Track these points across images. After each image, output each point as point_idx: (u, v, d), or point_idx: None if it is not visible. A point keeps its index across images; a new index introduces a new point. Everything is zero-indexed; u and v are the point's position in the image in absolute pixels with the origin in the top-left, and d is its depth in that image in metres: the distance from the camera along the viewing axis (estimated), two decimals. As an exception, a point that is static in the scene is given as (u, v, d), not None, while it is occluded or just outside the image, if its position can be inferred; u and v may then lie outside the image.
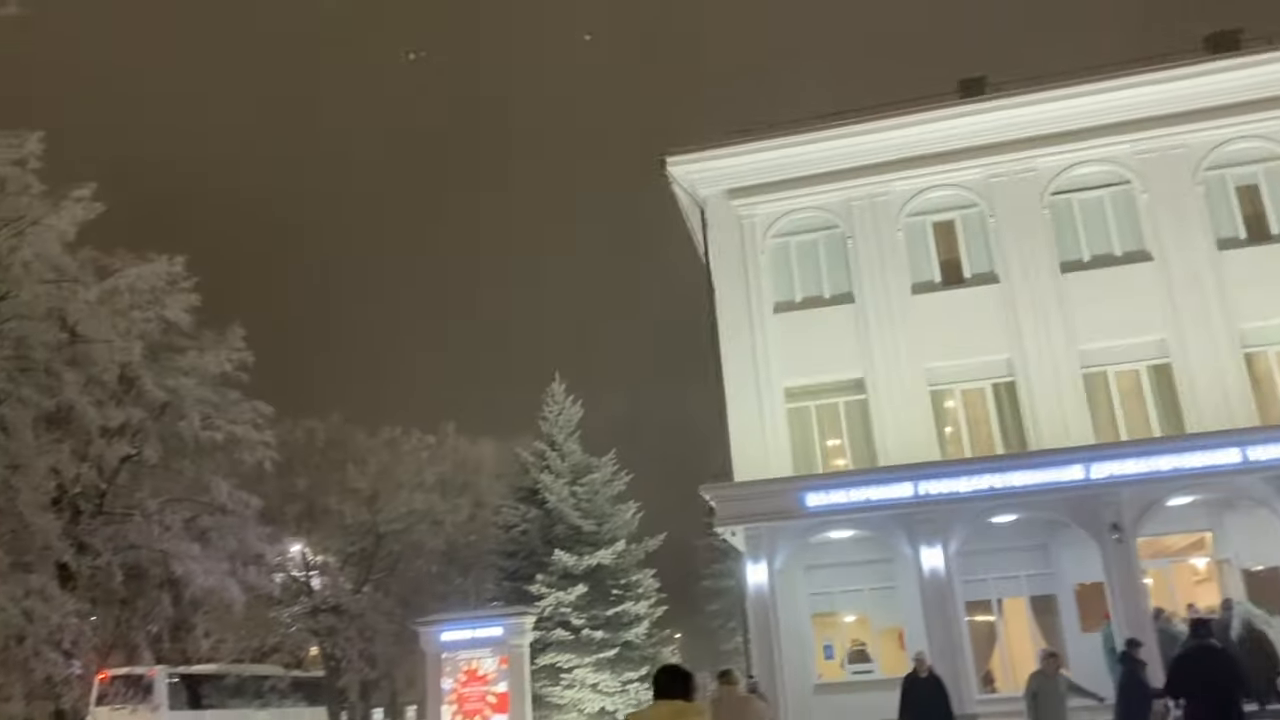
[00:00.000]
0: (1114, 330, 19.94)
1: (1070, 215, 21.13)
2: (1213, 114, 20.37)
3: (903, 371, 20.61)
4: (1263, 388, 19.46)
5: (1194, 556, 19.75)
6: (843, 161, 21.78)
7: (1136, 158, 20.69)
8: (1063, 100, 20.87)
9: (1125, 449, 17.87)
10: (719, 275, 22.26)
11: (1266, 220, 20.28)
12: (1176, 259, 20.00)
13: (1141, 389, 19.97)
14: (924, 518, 17.95)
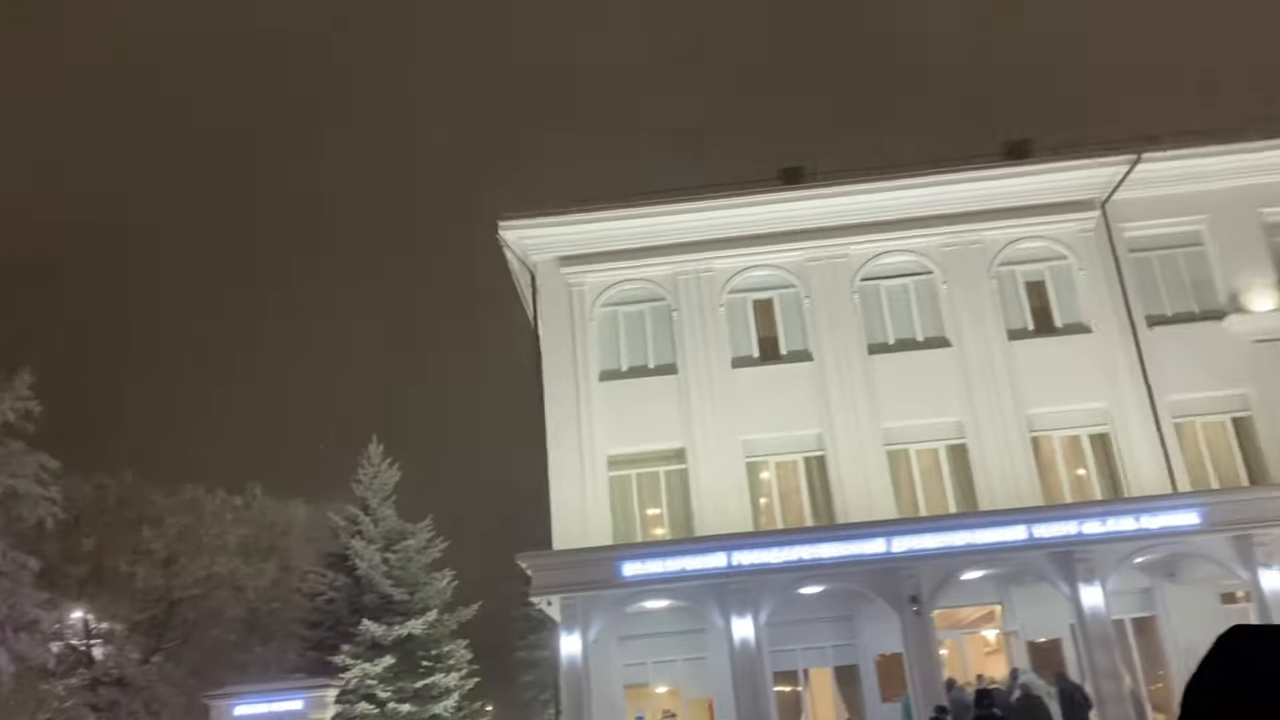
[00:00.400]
0: (916, 410, 21.12)
1: (878, 300, 22.38)
2: (1006, 215, 22.14)
3: (721, 443, 21.13)
4: (1047, 469, 20.96)
5: (985, 628, 20.88)
6: (671, 237, 22.41)
7: (938, 251, 22.20)
8: (873, 194, 22.26)
9: (924, 524, 18.80)
10: (547, 341, 22.35)
11: (1051, 314, 22.06)
12: (972, 346, 21.45)
13: (940, 467, 21.15)
14: (736, 588, 18.26)
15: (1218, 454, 21.05)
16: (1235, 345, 21.11)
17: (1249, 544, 17.54)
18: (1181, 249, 22.29)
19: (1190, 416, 21.07)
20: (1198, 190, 22.14)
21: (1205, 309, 21.75)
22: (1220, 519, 17.81)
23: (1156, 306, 21.86)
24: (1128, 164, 21.87)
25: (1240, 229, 21.97)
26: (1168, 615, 19.24)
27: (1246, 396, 21.00)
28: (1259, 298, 21.48)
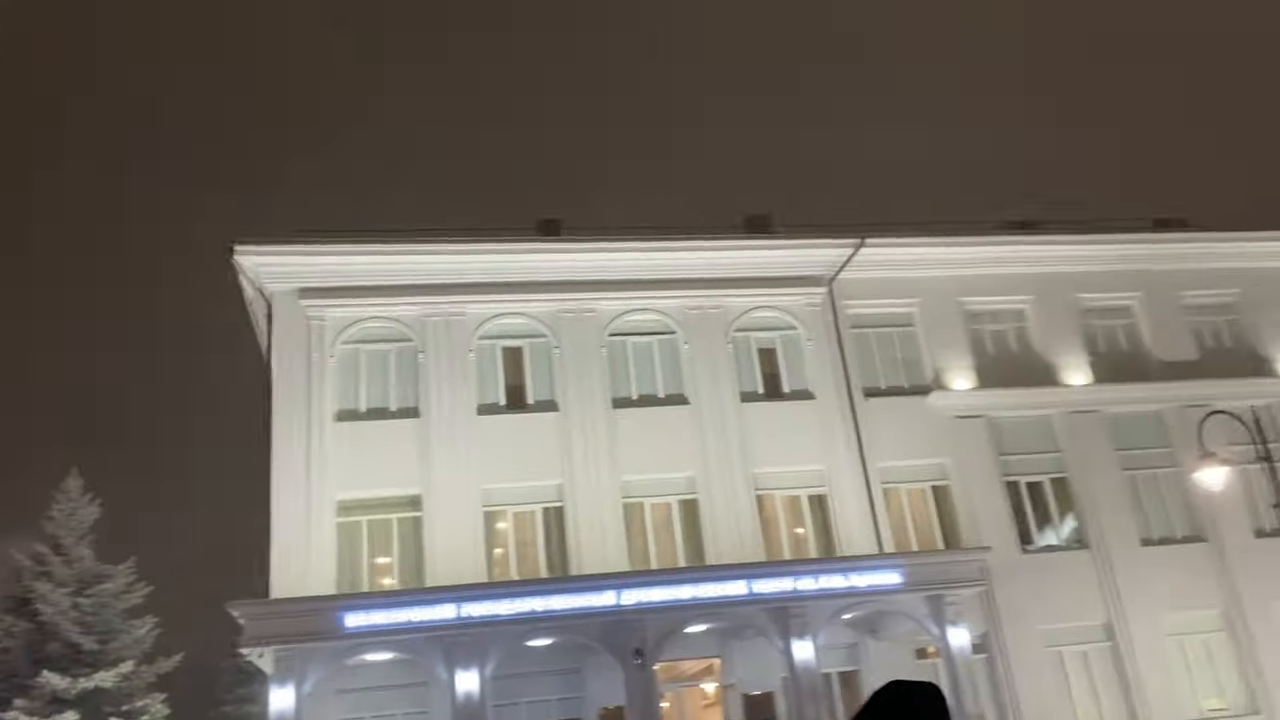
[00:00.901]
0: (653, 465, 21.66)
1: (624, 356, 22.90)
2: (744, 284, 23.37)
3: (460, 491, 20.72)
4: (770, 527, 22.04)
5: (704, 681, 21.49)
6: (421, 277, 21.98)
7: (681, 312, 23.06)
8: (622, 253, 22.90)
9: (654, 577, 19.17)
10: (280, 376, 21.18)
11: (780, 380, 23.37)
12: (708, 406, 22.33)
13: (672, 521, 21.74)
14: (463, 640, 17.83)
15: (919, 519, 22.94)
16: (938, 419, 23.19)
17: (941, 603, 19.12)
18: (896, 328, 24.33)
19: (897, 483, 22.86)
20: (912, 277, 24.32)
21: (914, 384, 23.78)
22: (918, 579, 19.31)
23: (872, 379, 23.67)
24: (853, 247, 23.73)
25: (945, 315, 24.28)
26: (869, 669, 20.57)
27: (945, 466, 23.06)
28: (959, 378, 23.75)
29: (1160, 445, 24.05)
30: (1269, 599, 22.35)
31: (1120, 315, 25.59)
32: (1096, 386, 24.19)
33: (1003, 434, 23.51)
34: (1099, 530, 22.83)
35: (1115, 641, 21.98)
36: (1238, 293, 25.98)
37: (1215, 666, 22.41)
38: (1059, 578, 22.14)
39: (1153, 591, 22.30)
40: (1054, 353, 24.56)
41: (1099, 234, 25.53)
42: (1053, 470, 23.60)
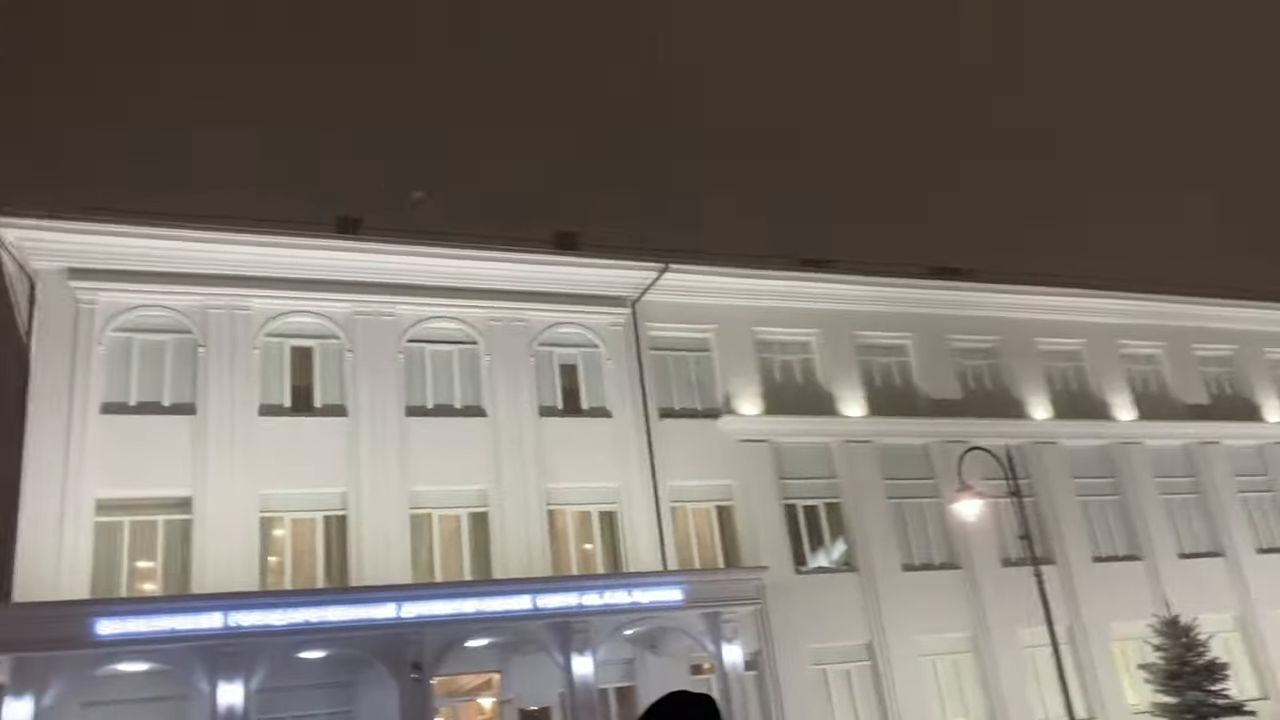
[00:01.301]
0: (445, 476, 21.33)
1: (422, 363, 22.48)
2: (549, 299, 23.47)
3: (235, 494, 19.69)
4: (559, 542, 22.13)
5: (482, 696, 21.26)
6: (205, 266, 20.84)
7: (484, 323, 22.89)
8: (424, 258, 22.50)
9: (436, 590, 18.84)
10: (40, 361, 19.52)
11: (580, 397, 23.57)
12: (505, 419, 22.23)
13: (460, 534, 21.46)
14: (229, 651, 16.91)
15: (703, 538, 23.63)
16: (726, 442, 24.01)
17: (718, 620, 19.74)
18: (693, 353, 25.06)
19: (685, 502, 23.48)
20: (711, 304, 25.15)
21: (706, 407, 24.54)
22: (699, 597, 19.87)
23: (668, 400, 24.26)
24: (657, 271, 24.31)
25: (739, 342, 25.23)
26: (646, 685, 20.96)
27: (730, 488, 23.88)
28: (747, 403, 24.70)
29: (925, 476, 25.79)
30: (1013, 624, 24.26)
31: (896, 353, 27.35)
32: (871, 419, 25.72)
33: (784, 459, 24.60)
34: (867, 554, 24.22)
35: (875, 661, 23.34)
36: (998, 339, 28.28)
37: (962, 685, 24.17)
38: (828, 598, 23.34)
39: (910, 614, 23.84)
40: (835, 384, 25.95)
41: (879, 277, 27.21)
42: (828, 495, 24.89)
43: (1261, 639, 27.19)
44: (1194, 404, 30.08)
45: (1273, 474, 29.97)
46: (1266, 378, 31.59)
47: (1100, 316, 29.69)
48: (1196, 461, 29.02)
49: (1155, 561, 26.96)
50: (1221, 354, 31.36)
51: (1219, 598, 27.30)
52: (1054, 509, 26.51)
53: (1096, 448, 28.03)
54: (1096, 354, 29.40)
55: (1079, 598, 25.60)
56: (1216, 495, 28.69)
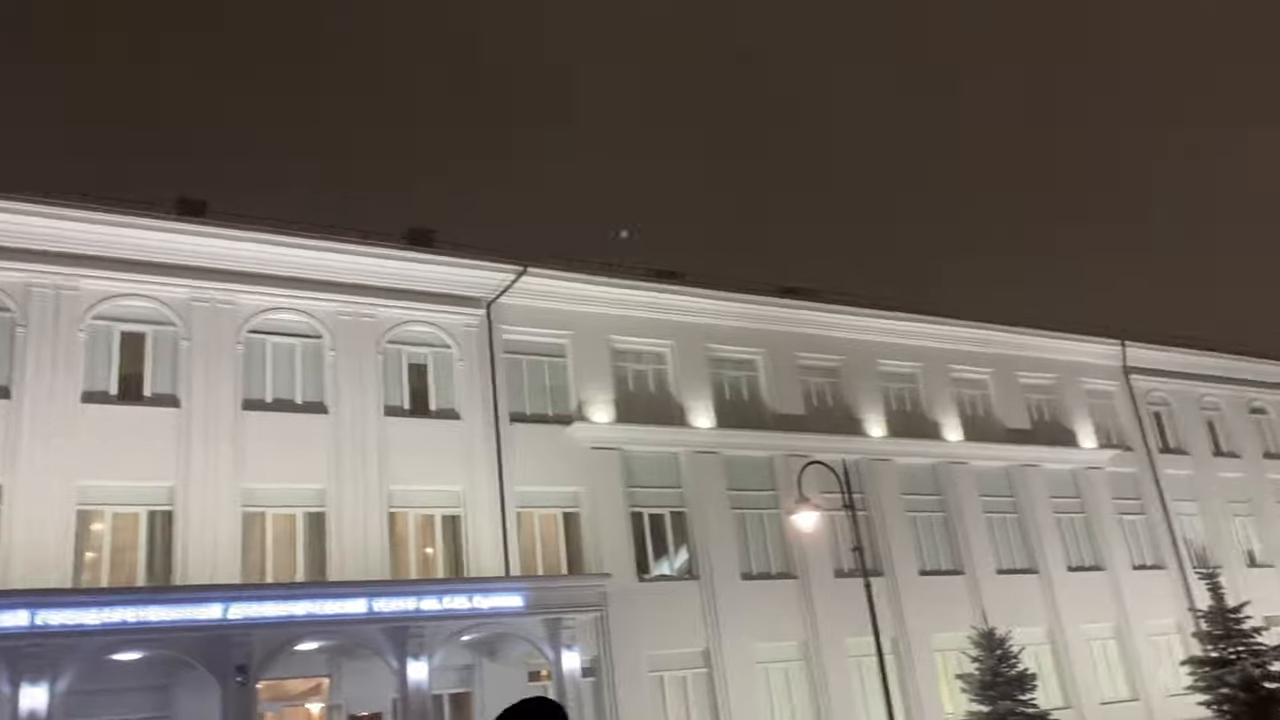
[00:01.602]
0: (281, 474, 20.57)
1: (263, 355, 21.64)
2: (401, 296, 23.01)
3: (50, 485, 18.46)
4: (400, 546, 21.65)
5: (310, 701, 20.56)
6: (26, 241, 19.51)
7: (331, 317, 22.23)
8: (270, 245, 21.68)
9: (267, 591, 18.13)
10: None
11: (428, 397, 23.16)
12: (349, 417, 21.62)
13: (295, 534, 20.73)
14: (34, 651, 15.82)
15: (548, 544, 23.55)
16: (576, 449, 24.02)
17: (558, 627, 19.69)
18: (547, 358, 24.98)
19: (531, 508, 23.36)
20: (568, 310, 25.16)
21: (558, 413, 24.50)
22: (539, 603, 19.78)
23: (519, 405, 24.10)
24: (515, 274, 24.16)
25: (594, 350, 25.31)
26: (483, 691, 20.75)
27: (578, 494, 23.90)
28: (599, 410, 24.79)
29: (767, 488, 26.45)
30: (842, 633, 25.10)
31: (746, 368, 27.99)
32: (719, 430, 26.22)
33: (633, 467, 24.80)
34: (708, 563, 24.65)
35: (711, 668, 23.75)
36: (842, 359, 29.32)
37: (792, 693, 24.86)
38: (669, 606, 23.63)
39: (747, 622, 24.39)
40: (686, 395, 26.35)
41: (733, 293, 27.82)
42: (674, 504, 25.23)
43: (1068, 652, 29.02)
44: (1016, 428, 31.89)
45: (1084, 497, 32.04)
46: (1083, 406, 33.78)
47: (935, 342, 31.15)
48: (1016, 483, 30.75)
49: (975, 576, 28.42)
50: (1043, 382, 33.37)
51: (1032, 612, 28.99)
52: (884, 523, 27.62)
53: (926, 466, 29.37)
54: (930, 377, 30.82)
55: (904, 609, 26.73)
56: (1033, 515, 30.48)
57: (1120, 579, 31.15)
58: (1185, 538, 33.62)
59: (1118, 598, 30.82)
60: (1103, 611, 30.42)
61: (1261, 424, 38.65)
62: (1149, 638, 30.78)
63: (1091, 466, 32.53)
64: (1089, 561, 31.21)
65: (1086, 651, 29.48)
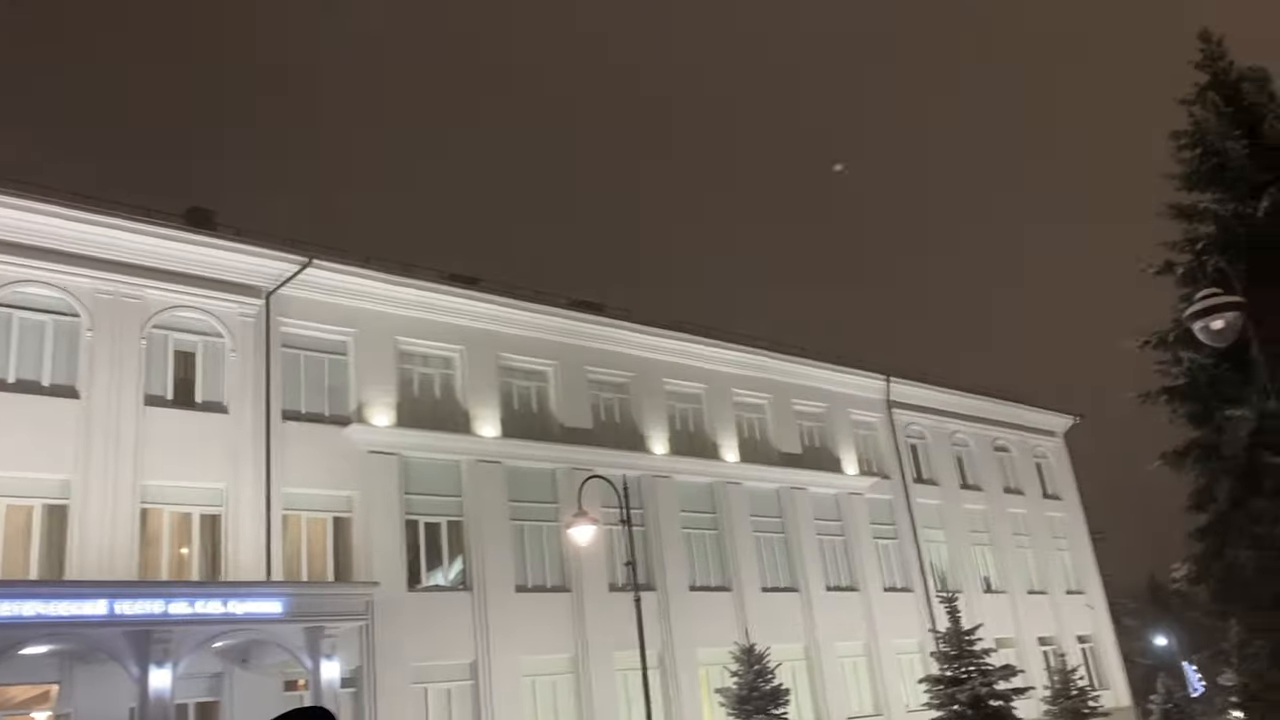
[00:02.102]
0: (20, 462, 18.82)
1: (8, 331, 19.77)
2: (172, 278, 21.57)
3: None
4: (152, 544, 20.21)
5: (37, 709, 18.82)
6: None
7: (91, 295, 20.58)
8: (24, 213, 19.83)
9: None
10: None
11: (194, 388, 21.80)
12: (103, 404, 20.03)
13: (31, 527, 18.99)
14: None
15: (315, 549, 22.62)
16: (352, 451, 23.23)
17: (319, 635, 18.92)
18: (328, 355, 24.06)
19: (299, 510, 22.38)
20: (354, 306, 24.36)
21: (335, 414, 23.62)
22: (301, 610, 18.91)
23: (294, 402, 23.06)
24: (300, 264, 23.17)
25: (379, 350, 24.60)
26: (233, 700, 19.63)
27: (351, 499, 23.10)
28: (380, 413, 24.10)
29: (549, 500, 26.48)
30: (612, 647, 25.39)
31: (536, 378, 27.97)
32: (504, 440, 26.05)
33: (412, 473, 24.25)
34: (482, 574, 24.39)
35: (477, 680, 23.47)
36: (631, 376, 29.82)
37: (558, 706, 24.92)
38: (439, 617, 23.21)
39: (518, 635, 24.29)
40: (473, 403, 26.03)
41: (528, 302, 27.78)
42: (452, 514, 24.82)
43: (822, 668, 30.57)
44: (788, 452, 33.40)
45: (845, 520, 33.91)
46: (849, 435, 35.79)
47: (720, 365, 32.21)
48: (784, 504, 32.19)
49: (742, 593, 29.50)
50: (815, 410, 35.13)
51: (793, 629, 30.37)
52: (660, 539, 28.24)
53: (704, 484, 30.28)
54: (713, 399, 31.83)
55: (673, 624, 27.39)
56: (798, 536, 31.97)
57: (872, 599, 33.14)
58: (931, 563, 36.19)
59: (869, 617, 32.77)
60: (855, 630, 32.26)
61: (1003, 461, 42.18)
62: (895, 656, 32.87)
63: (853, 492, 34.48)
64: (845, 582, 33.04)
65: (838, 668, 31.16)
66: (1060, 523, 43.28)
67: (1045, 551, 41.42)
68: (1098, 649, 41.91)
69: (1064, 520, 43.55)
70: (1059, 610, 40.43)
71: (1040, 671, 35.66)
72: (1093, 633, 41.94)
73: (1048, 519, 42.56)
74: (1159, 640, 58.74)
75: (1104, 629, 42.68)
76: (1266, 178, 25.92)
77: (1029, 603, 39.19)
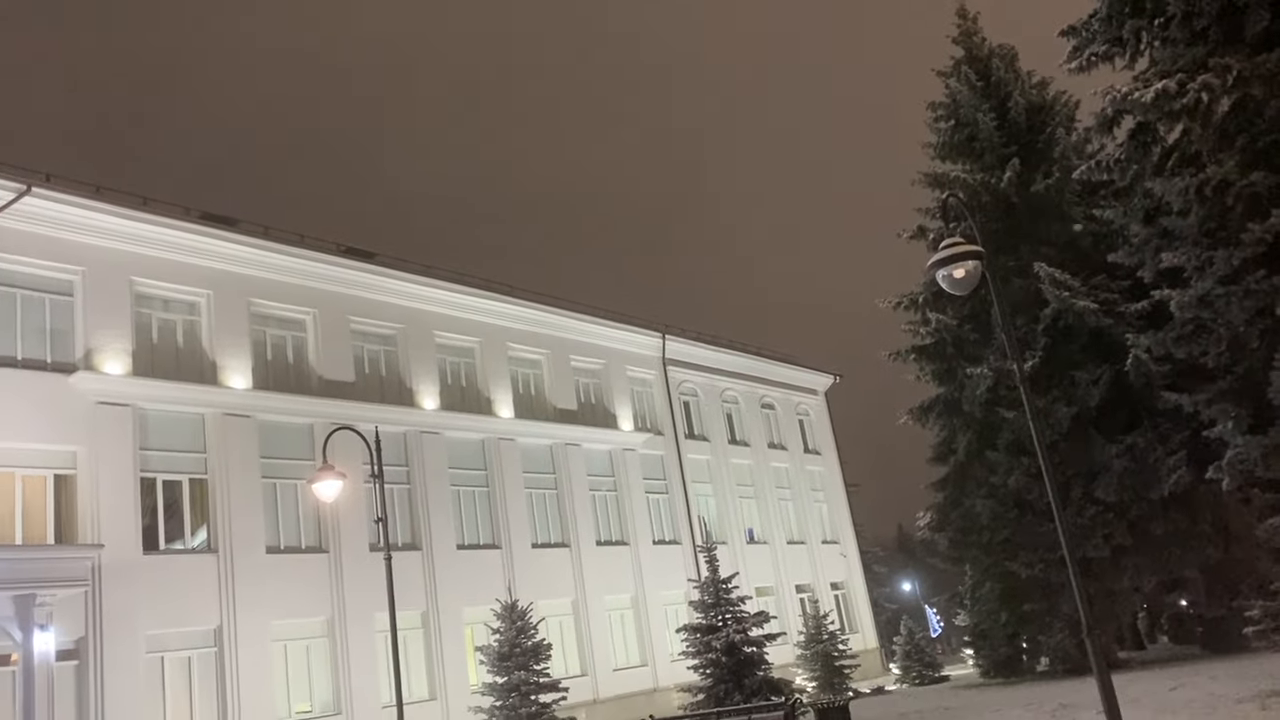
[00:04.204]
0: None
1: None
2: None
3: None
4: None
5: None
6: None
7: None
8: None
9: None
10: None
11: None
12: None
13: None
14: None
15: (32, 510, 20.31)
16: (77, 402, 21.00)
17: (31, 604, 17.00)
18: (50, 294, 21.59)
19: (12, 467, 20.04)
20: (81, 241, 21.93)
21: (58, 360, 21.26)
22: (9, 576, 16.96)
23: (8, 346, 20.58)
24: (16, 192, 20.61)
25: (111, 291, 22.29)
26: (-75, 681, 17.39)
27: (75, 454, 20.90)
28: (112, 361, 21.87)
29: (306, 458, 24.91)
30: (372, 608, 24.40)
31: (293, 327, 26.26)
32: (256, 393, 24.32)
33: (149, 427, 22.23)
34: (229, 535, 22.75)
35: (221, 647, 21.95)
36: (400, 327, 28.58)
37: (312, 671, 23.73)
38: (179, 582, 21.49)
39: (269, 598, 22.87)
40: (220, 352, 24.13)
41: (286, 245, 26.00)
42: (196, 470, 23.00)
43: (590, 622, 30.72)
44: (564, 408, 33.17)
45: (618, 476, 34.12)
46: (625, 391, 35.97)
47: (495, 319, 31.44)
48: (559, 460, 31.98)
49: (511, 550, 29.10)
50: (592, 366, 35.04)
51: (563, 585, 30.32)
52: (427, 496, 27.34)
53: (475, 440, 29.56)
54: (488, 353, 31.05)
55: (439, 582, 26.66)
56: (570, 492, 31.87)
57: (641, 553, 33.60)
58: (700, 516, 37.11)
59: (637, 570, 33.21)
60: (623, 583, 32.62)
61: (769, 417, 43.77)
62: (662, 607, 33.52)
63: (627, 448, 34.73)
64: (616, 536, 33.31)
65: (605, 621, 31.42)
66: (819, 476, 45.49)
67: (805, 504, 43.44)
68: (849, 595, 44.49)
69: (823, 474, 45.80)
70: (816, 559, 42.56)
71: (797, 618, 37.44)
72: (845, 579, 44.46)
73: (808, 473, 44.62)
74: (904, 585, 63.45)
75: (856, 576, 45.34)
76: (1010, 150, 27.95)
77: (789, 552, 41.00)
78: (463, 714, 24.49)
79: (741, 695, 19.30)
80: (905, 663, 34.75)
